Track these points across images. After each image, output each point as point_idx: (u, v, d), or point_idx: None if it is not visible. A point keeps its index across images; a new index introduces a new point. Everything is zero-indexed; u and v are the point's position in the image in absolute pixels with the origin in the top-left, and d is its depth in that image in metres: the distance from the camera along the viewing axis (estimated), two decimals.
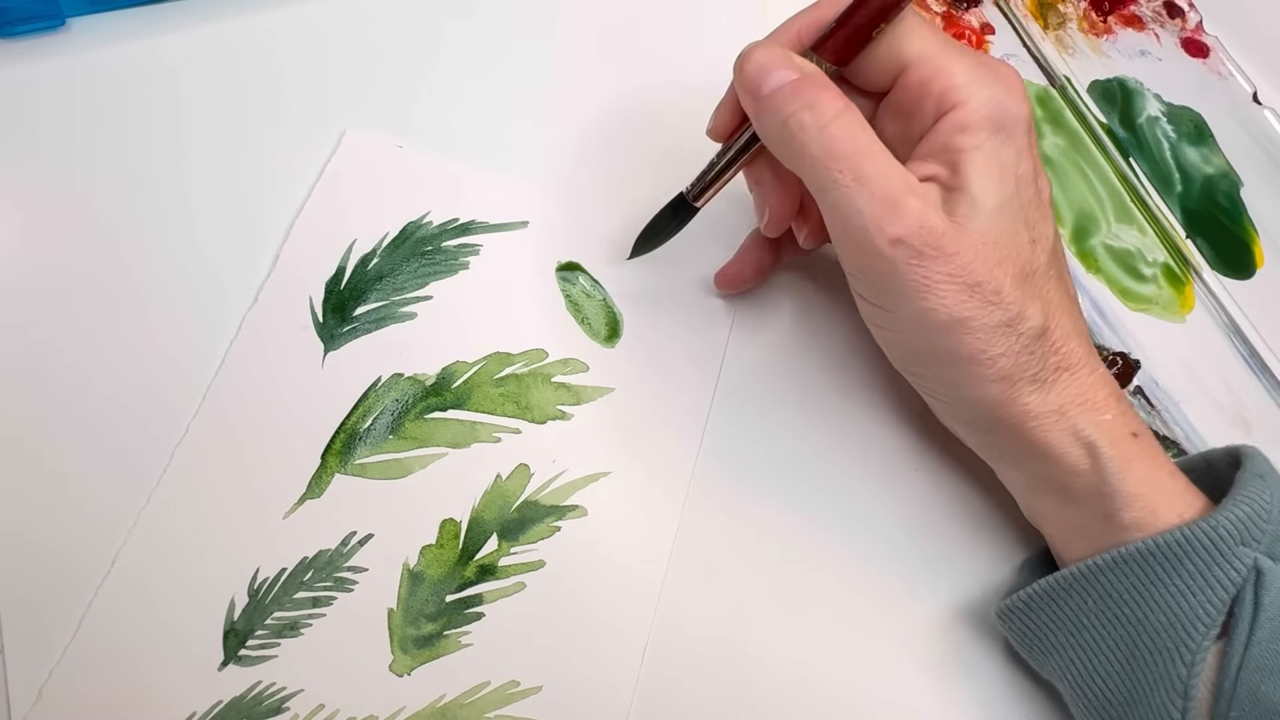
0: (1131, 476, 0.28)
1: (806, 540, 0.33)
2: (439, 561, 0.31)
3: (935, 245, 0.27)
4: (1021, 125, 0.28)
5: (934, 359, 0.29)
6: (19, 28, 0.35)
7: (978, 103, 0.27)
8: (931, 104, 0.28)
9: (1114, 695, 0.28)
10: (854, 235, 0.27)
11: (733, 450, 0.34)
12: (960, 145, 0.27)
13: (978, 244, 0.27)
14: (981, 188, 0.27)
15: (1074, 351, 0.29)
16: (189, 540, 0.30)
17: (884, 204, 0.27)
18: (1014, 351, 0.28)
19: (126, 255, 0.33)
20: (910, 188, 0.27)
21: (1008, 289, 0.27)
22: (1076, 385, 0.29)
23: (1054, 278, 0.29)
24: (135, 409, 0.31)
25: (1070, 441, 0.28)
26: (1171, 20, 0.50)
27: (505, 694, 0.30)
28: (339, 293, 0.34)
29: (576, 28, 0.42)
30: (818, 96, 0.27)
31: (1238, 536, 0.27)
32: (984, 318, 0.27)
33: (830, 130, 0.27)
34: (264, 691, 0.29)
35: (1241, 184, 0.45)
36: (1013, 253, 0.28)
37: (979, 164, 0.27)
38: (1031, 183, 0.28)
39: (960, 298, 0.27)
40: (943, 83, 0.28)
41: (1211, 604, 0.26)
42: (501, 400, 0.33)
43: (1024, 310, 0.28)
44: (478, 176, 0.37)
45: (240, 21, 0.38)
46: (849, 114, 0.27)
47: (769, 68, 0.28)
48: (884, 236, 0.27)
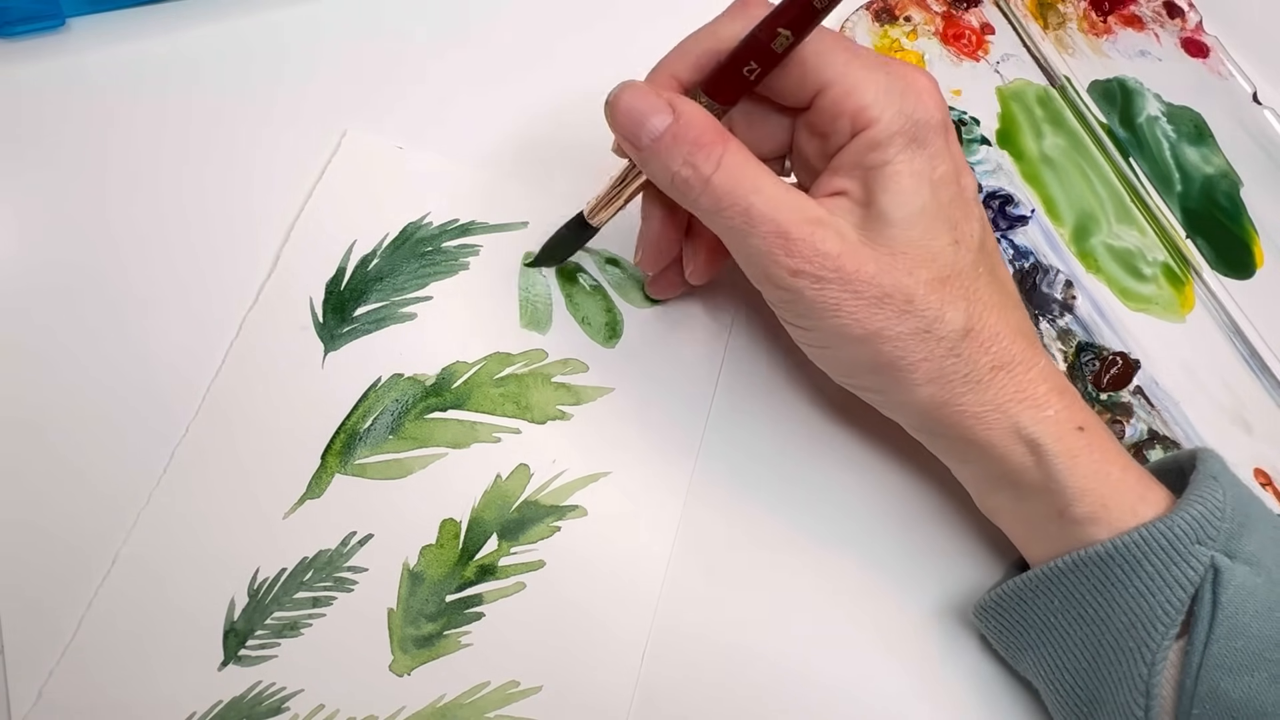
0: (1079, 471, 0.28)
1: (806, 539, 0.33)
2: (439, 561, 0.31)
3: (834, 269, 0.27)
4: (934, 131, 0.28)
5: (862, 369, 0.30)
6: (19, 28, 0.35)
7: (888, 119, 0.27)
8: (845, 124, 0.28)
9: (1082, 693, 0.29)
10: (757, 273, 0.28)
11: (732, 450, 0.34)
12: (870, 162, 0.28)
13: (883, 257, 0.27)
14: (889, 201, 0.27)
15: (1007, 349, 0.29)
16: (189, 540, 0.30)
17: (776, 240, 0.27)
18: (936, 355, 0.28)
19: (127, 255, 0.33)
20: (803, 215, 0.27)
21: (920, 295, 0.27)
22: (1014, 383, 0.29)
23: (982, 276, 0.29)
24: (135, 409, 0.31)
25: (1012, 439, 0.29)
26: (1171, 20, 0.50)
27: (505, 694, 0.30)
28: (339, 293, 0.34)
29: (577, 27, 0.42)
30: (696, 146, 0.27)
31: (1193, 535, 0.27)
32: (896, 327, 0.28)
33: (714, 181, 0.27)
34: (264, 691, 0.29)
35: (1241, 184, 0.45)
36: (928, 258, 0.28)
37: (887, 178, 0.28)
38: (952, 183, 0.28)
39: (869, 312, 0.27)
40: (854, 103, 0.28)
41: (1170, 604, 0.27)
42: (501, 400, 0.33)
43: (941, 314, 0.28)
44: (478, 176, 0.37)
45: (240, 22, 0.38)
46: (730, 155, 0.27)
47: (641, 112, 0.28)
48: (783, 269, 0.27)
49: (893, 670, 0.32)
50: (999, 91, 0.45)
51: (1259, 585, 0.27)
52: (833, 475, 0.35)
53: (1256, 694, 0.26)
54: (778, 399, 0.35)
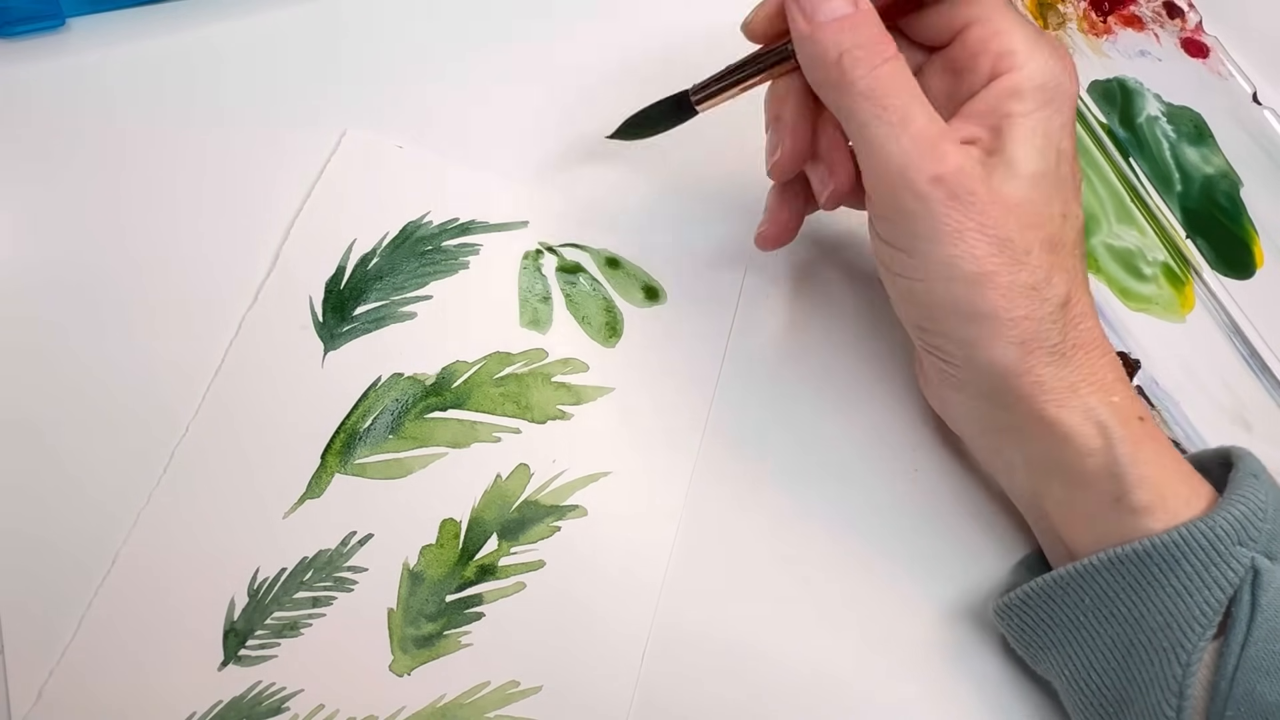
0: (1141, 458, 0.28)
1: (806, 539, 0.33)
2: (439, 561, 0.31)
3: (972, 191, 0.27)
4: (1069, 101, 0.28)
5: (953, 314, 0.28)
6: (19, 28, 0.35)
7: (1032, 69, 0.28)
8: (987, 64, 0.28)
9: (1109, 693, 0.28)
10: (891, 172, 0.27)
11: (732, 450, 0.34)
12: (1009, 109, 0.28)
13: (1012, 203, 0.27)
14: (1023, 153, 0.27)
15: (1090, 330, 0.29)
16: (189, 540, 0.30)
17: (926, 145, 0.27)
18: (1036, 316, 0.28)
19: (126, 255, 0.33)
20: (953, 139, 0.27)
21: (1036, 251, 0.27)
22: (1090, 364, 0.29)
23: (1079, 256, 0.29)
24: (135, 409, 0.31)
25: (1082, 419, 0.28)
26: (1171, 20, 0.50)
27: (505, 694, 0.30)
28: (339, 292, 0.34)
29: (577, 27, 0.42)
30: (872, 36, 0.27)
31: (1235, 536, 0.26)
32: (1010, 276, 0.27)
33: (881, 71, 0.27)
34: (264, 691, 0.29)
35: (1241, 184, 0.45)
36: (1044, 220, 0.28)
37: (1024, 130, 0.28)
38: (1070, 160, 0.29)
39: (989, 250, 0.27)
40: (1001, 45, 0.28)
41: (1208, 604, 0.26)
42: (501, 400, 0.33)
43: (1050, 276, 0.28)
44: (478, 176, 0.37)
45: (240, 22, 0.38)
46: (899, 60, 0.28)
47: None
48: (923, 174, 0.27)
49: (893, 667, 0.32)
50: None
51: None
52: (834, 475, 0.35)
53: None
54: (778, 398, 0.35)
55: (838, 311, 0.37)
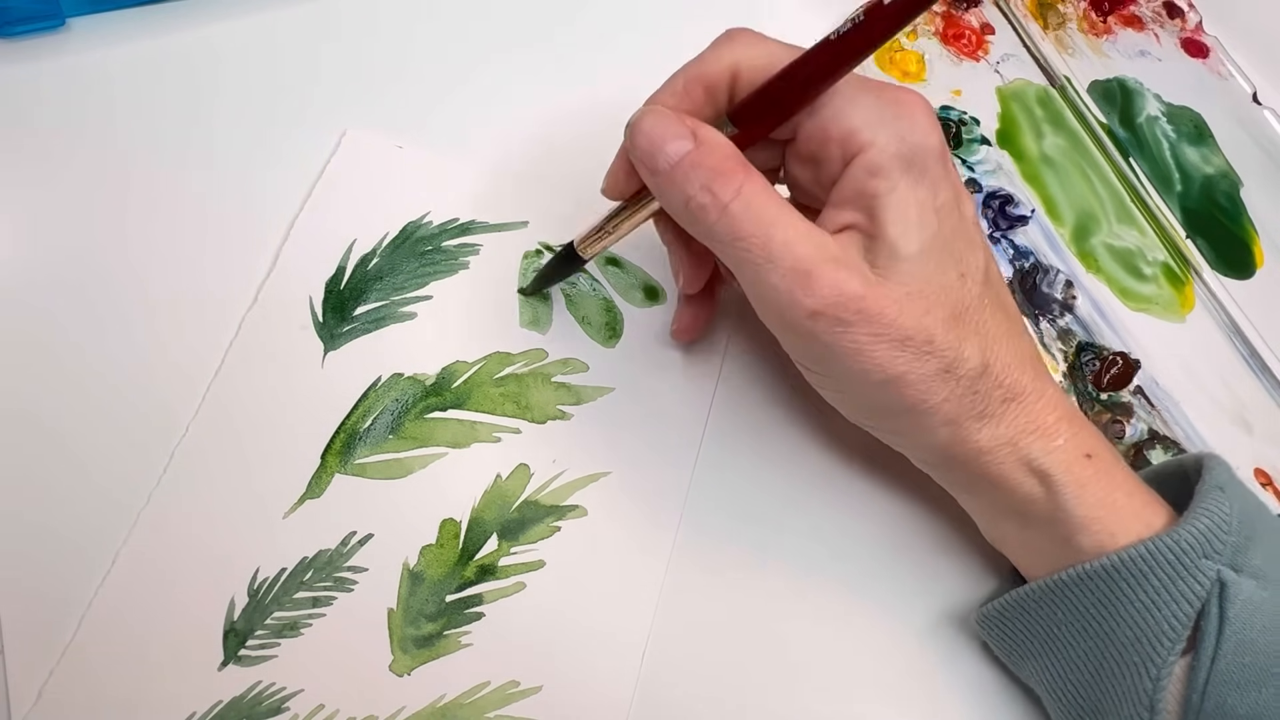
0: (1087, 500, 0.28)
1: (806, 540, 0.33)
2: (439, 561, 0.31)
3: (857, 310, 0.26)
4: (933, 156, 0.27)
5: (880, 412, 0.29)
6: (19, 28, 0.35)
7: (882, 142, 0.26)
8: (836, 150, 0.27)
9: (1086, 704, 0.29)
10: (772, 312, 0.27)
11: (733, 450, 0.34)
12: (874, 190, 0.26)
13: (901, 296, 0.26)
14: (900, 232, 0.26)
15: (1018, 381, 0.28)
16: (189, 540, 0.30)
17: (796, 278, 0.26)
18: (956, 395, 0.27)
19: (126, 255, 0.33)
20: (824, 254, 0.26)
21: (939, 335, 0.27)
22: (1025, 414, 0.28)
23: (988, 307, 0.28)
24: (135, 409, 0.31)
25: (1023, 472, 0.28)
26: (1171, 20, 0.50)
27: (505, 694, 0.30)
28: (339, 292, 0.34)
29: (577, 27, 0.42)
30: (716, 171, 0.26)
31: (1199, 550, 0.26)
32: (920, 369, 0.27)
33: (731, 210, 0.26)
34: (264, 691, 0.29)
35: (1241, 184, 0.45)
36: (941, 295, 0.27)
37: (894, 208, 0.26)
38: (954, 211, 0.27)
39: (892, 354, 0.26)
40: (842, 127, 0.26)
41: (1176, 619, 0.26)
42: (501, 400, 0.33)
43: (960, 352, 0.27)
44: (478, 176, 0.37)
45: (240, 22, 0.38)
46: (750, 185, 0.26)
47: (662, 138, 0.26)
48: (802, 311, 0.26)
49: (887, 672, 0.32)
50: (999, 91, 0.45)
51: (1266, 599, 0.26)
52: (834, 476, 0.35)
53: (1264, 709, 0.26)
54: (778, 399, 0.35)
55: None
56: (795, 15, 0.43)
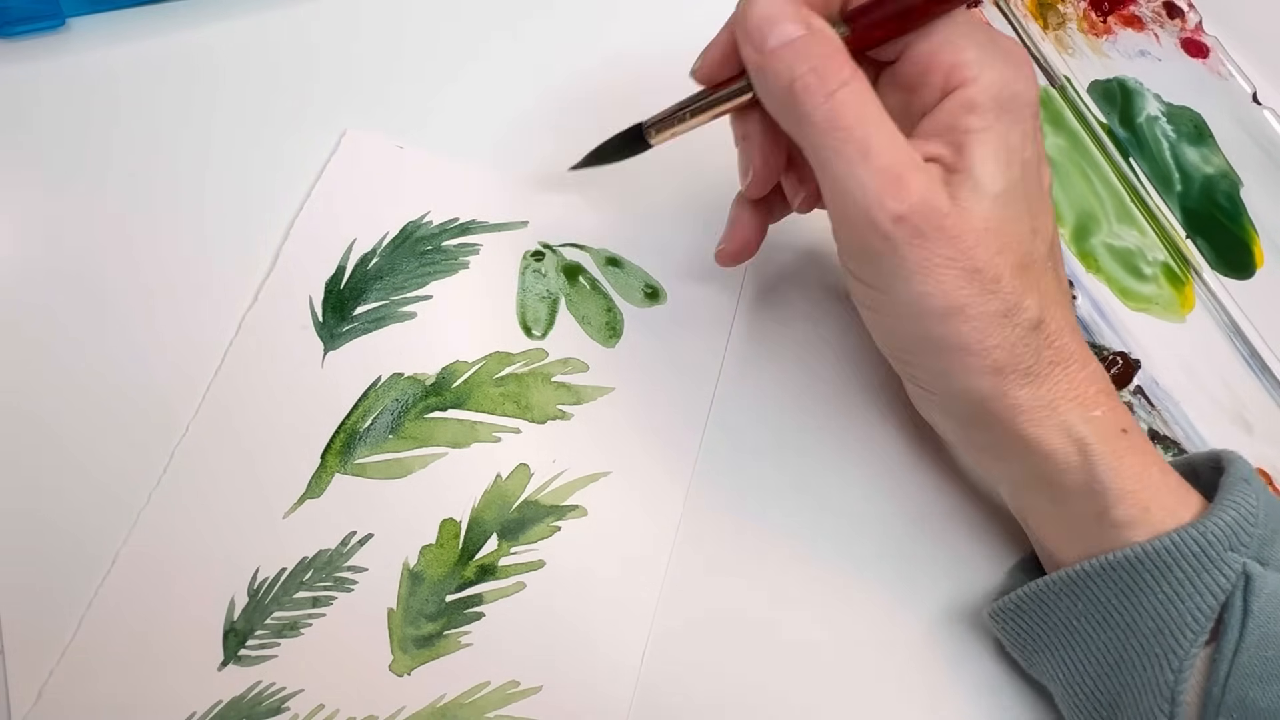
0: (1123, 473, 0.28)
1: (807, 539, 0.33)
2: (439, 561, 0.31)
3: (938, 226, 0.26)
4: (1029, 109, 0.27)
5: (926, 347, 0.28)
6: (19, 28, 0.35)
7: (986, 81, 0.26)
8: (938, 79, 0.27)
9: (1103, 697, 0.28)
10: (854, 210, 0.26)
11: (732, 450, 0.34)
12: (967, 125, 0.26)
13: (980, 229, 0.26)
14: (986, 171, 0.26)
15: (1067, 345, 0.28)
16: (189, 540, 0.30)
17: (888, 179, 0.25)
18: (1009, 342, 0.27)
19: (126, 255, 0.33)
20: (916, 164, 0.26)
21: (1006, 277, 0.26)
22: (1068, 380, 0.28)
23: (1050, 270, 0.28)
24: (135, 408, 0.31)
25: (1061, 437, 0.28)
26: (1171, 20, 0.50)
27: (505, 694, 0.30)
28: (339, 292, 0.34)
29: (577, 27, 0.42)
30: (826, 59, 0.26)
31: (1226, 542, 0.26)
32: (981, 305, 0.26)
33: (837, 98, 0.25)
34: (264, 691, 0.29)
35: (1241, 184, 0.45)
36: (1014, 241, 0.27)
37: (985, 146, 0.26)
38: (1035, 170, 0.28)
39: (959, 283, 0.26)
40: (951, 58, 0.27)
41: (1200, 610, 0.26)
42: (501, 400, 0.33)
43: (1021, 300, 0.27)
44: (477, 176, 0.37)
45: (240, 21, 0.38)
46: (857, 81, 0.26)
47: (775, 19, 0.26)
48: (886, 213, 0.25)
49: (892, 669, 0.32)
50: None
51: None
52: (834, 475, 0.35)
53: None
54: (778, 398, 0.35)
55: (838, 311, 0.37)
56: None
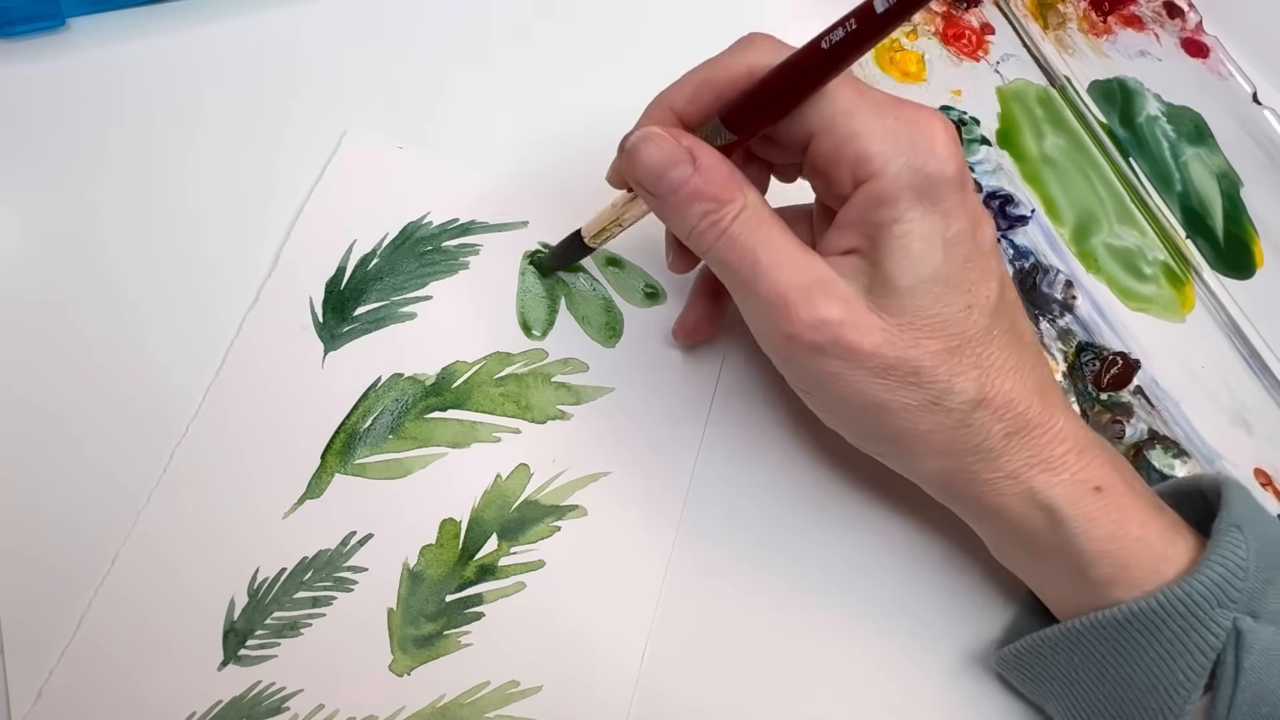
0: (1095, 534, 0.27)
1: (806, 539, 0.33)
2: (439, 561, 0.31)
3: (833, 338, 0.26)
4: (948, 184, 0.26)
5: (870, 436, 0.29)
6: (19, 28, 0.35)
7: (894, 171, 0.25)
8: (846, 172, 0.26)
9: None
10: (758, 335, 0.28)
11: (733, 450, 0.34)
12: (878, 219, 0.26)
13: (888, 327, 0.26)
14: (897, 265, 0.26)
15: (1023, 414, 0.27)
16: (189, 540, 0.30)
17: (776, 303, 0.26)
18: (946, 426, 0.27)
19: (126, 255, 0.33)
20: (809, 279, 0.26)
21: (928, 367, 0.26)
22: (1029, 448, 0.27)
23: (997, 338, 0.27)
24: (135, 409, 0.31)
25: (1026, 504, 0.28)
26: (1171, 20, 0.50)
27: (505, 694, 0.30)
28: (339, 293, 0.34)
29: (578, 27, 0.42)
30: (714, 203, 0.26)
31: (1213, 600, 0.26)
32: (903, 399, 0.26)
33: (729, 234, 0.26)
34: (264, 691, 0.29)
35: (1241, 184, 0.45)
36: (937, 327, 0.26)
37: (896, 239, 0.26)
38: (967, 241, 0.26)
39: (871, 382, 0.26)
40: (854, 151, 0.26)
41: (1192, 669, 0.26)
42: (501, 400, 0.33)
43: (951, 386, 0.26)
44: (478, 176, 0.37)
45: (240, 22, 0.38)
46: (747, 212, 0.26)
47: (659, 167, 0.26)
48: (779, 335, 0.26)
49: (893, 668, 0.32)
50: (999, 91, 0.45)
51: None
52: (835, 474, 0.35)
53: None
54: (778, 398, 0.35)
55: None
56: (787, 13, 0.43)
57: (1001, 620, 0.33)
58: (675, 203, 0.27)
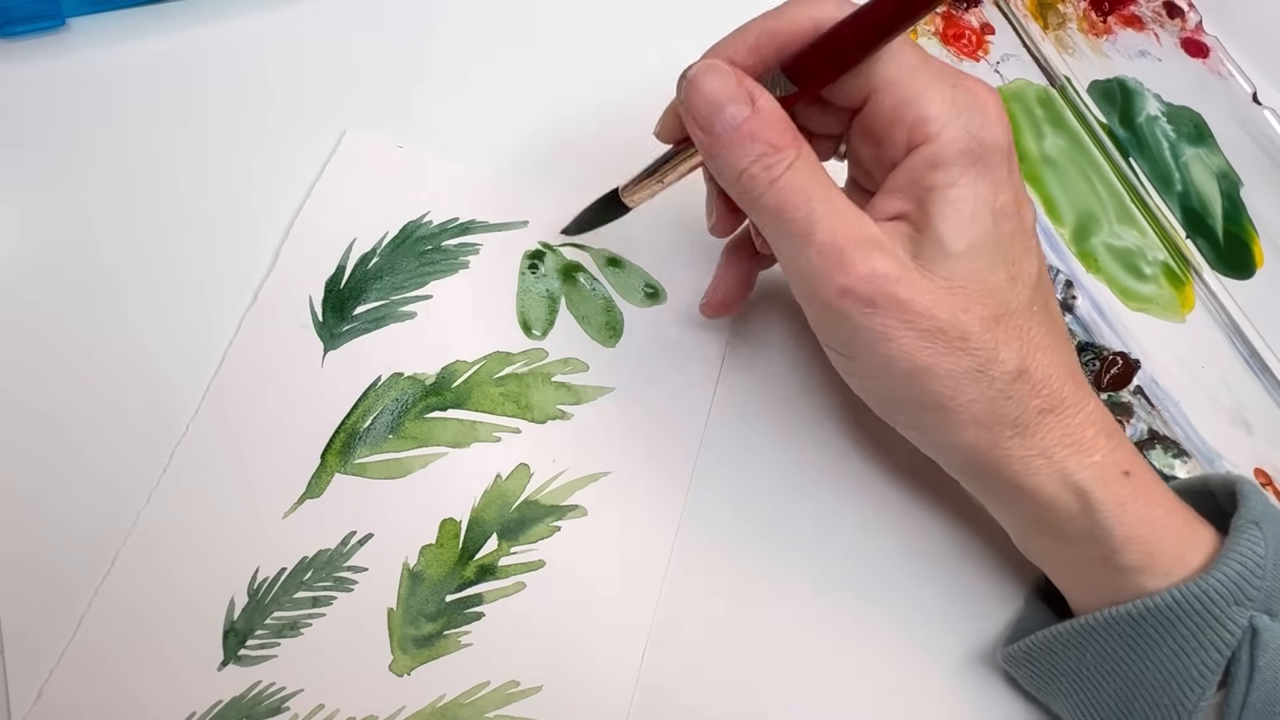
0: (1126, 519, 0.27)
1: (807, 539, 0.33)
2: (439, 561, 0.31)
3: (887, 293, 0.25)
4: (1000, 154, 0.26)
5: (906, 406, 0.28)
6: (19, 28, 0.35)
7: (951, 135, 0.26)
8: (902, 134, 0.26)
9: None
10: (804, 287, 0.27)
11: (733, 449, 0.34)
12: (931, 182, 0.26)
13: (940, 289, 0.26)
14: (950, 228, 0.26)
15: (1058, 391, 0.27)
16: (189, 540, 0.30)
17: (831, 254, 0.25)
18: (987, 396, 0.26)
19: (126, 255, 0.33)
20: (863, 235, 0.26)
21: (976, 333, 0.26)
22: (1062, 426, 0.27)
23: (1036, 314, 0.27)
24: (135, 409, 0.31)
25: (1059, 485, 0.27)
26: (1171, 20, 0.50)
27: (505, 694, 0.30)
28: (339, 292, 0.34)
29: (578, 27, 0.42)
30: (769, 147, 0.26)
31: (1230, 597, 0.26)
32: (950, 364, 0.26)
33: (780, 183, 0.26)
34: (264, 691, 0.29)
35: (1241, 184, 0.45)
36: (985, 294, 0.26)
37: (949, 203, 0.26)
38: (1013, 214, 0.27)
39: (920, 345, 0.26)
40: (914, 113, 0.26)
41: (1205, 666, 0.26)
42: (501, 400, 0.33)
43: (996, 354, 0.26)
44: (478, 176, 0.37)
45: (240, 21, 0.38)
46: (801, 161, 0.26)
47: (718, 101, 0.26)
48: (833, 287, 0.26)
49: (899, 666, 0.32)
50: (999, 91, 0.45)
51: None
52: (836, 473, 0.35)
53: None
54: (779, 398, 0.35)
55: None
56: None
57: (1005, 617, 0.33)
58: (731, 141, 0.26)
